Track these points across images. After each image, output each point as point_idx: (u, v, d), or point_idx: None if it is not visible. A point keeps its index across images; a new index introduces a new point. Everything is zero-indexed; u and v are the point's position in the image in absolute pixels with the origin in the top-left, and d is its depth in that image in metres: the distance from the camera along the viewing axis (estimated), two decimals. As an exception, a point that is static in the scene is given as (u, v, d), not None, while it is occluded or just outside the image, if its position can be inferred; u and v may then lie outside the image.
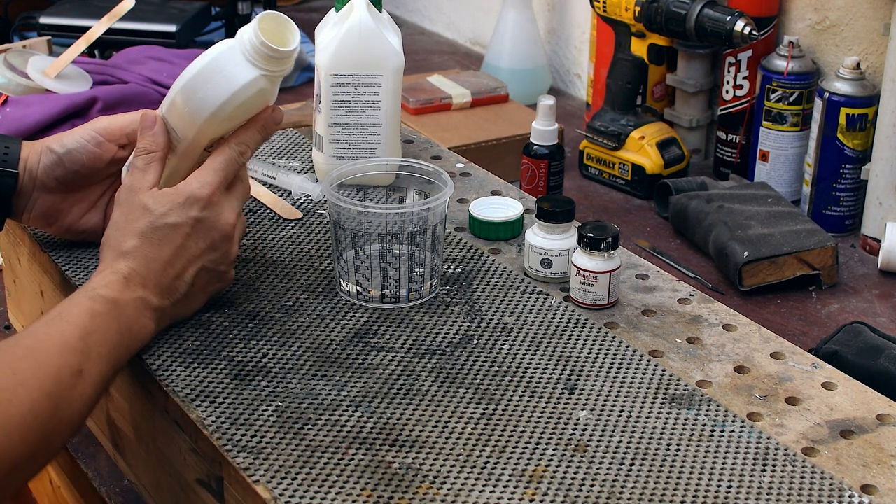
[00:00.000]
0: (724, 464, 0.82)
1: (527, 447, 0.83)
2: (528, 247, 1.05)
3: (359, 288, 1.00)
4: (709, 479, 0.80)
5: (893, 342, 1.06)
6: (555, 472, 0.81)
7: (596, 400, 0.88)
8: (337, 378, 0.90)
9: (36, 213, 1.03)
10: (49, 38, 1.57)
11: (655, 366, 0.93)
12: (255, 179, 1.21)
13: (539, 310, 1.00)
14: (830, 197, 1.45)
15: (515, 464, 0.81)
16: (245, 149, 0.97)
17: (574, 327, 0.98)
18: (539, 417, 0.86)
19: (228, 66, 0.94)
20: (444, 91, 1.71)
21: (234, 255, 0.98)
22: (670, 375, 0.91)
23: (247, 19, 1.99)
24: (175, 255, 0.93)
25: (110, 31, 1.43)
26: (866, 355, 1.05)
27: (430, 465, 0.81)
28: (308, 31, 2.12)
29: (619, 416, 0.87)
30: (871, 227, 1.42)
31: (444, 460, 0.81)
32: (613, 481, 0.80)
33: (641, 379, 0.91)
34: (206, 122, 0.95)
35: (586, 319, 0.99)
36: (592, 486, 0.79)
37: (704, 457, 0.82)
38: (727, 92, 1.58)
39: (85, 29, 1.44)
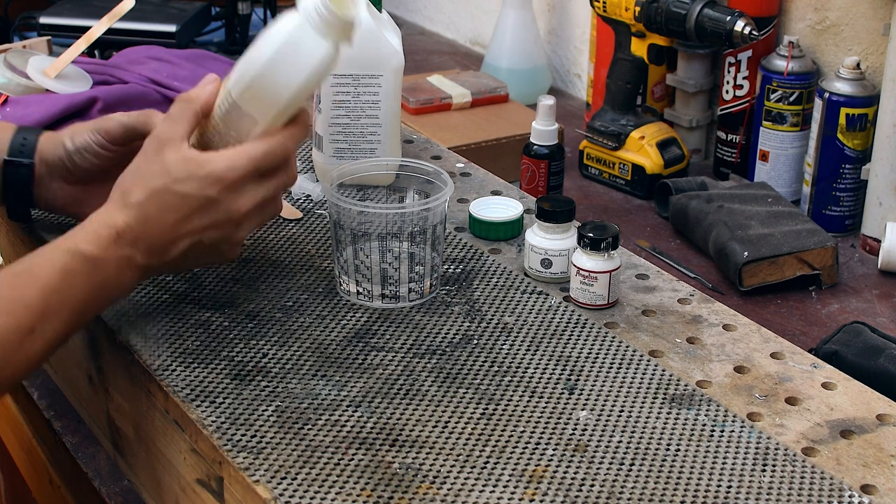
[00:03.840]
0: (724, 464, 0.82)
1: (527, 447, 0.83)
2: (528, 247, 1.05)
3: (359, 288, 1.00)
4: (709, 479, 0.80)
5: (893, 342, 1.06)
6: (555, 472, 0.81)
7: (596, 400, 0.88)
8: (337, 378, 0.90)
9: (59, 203, 1.03)
10: (49, 38, 1.57)
11: (655, 366, 0.93)
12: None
13: (539, 310, 1.00)
14: (830, 197, 1.45)
15: (515, 464, 0.81)
16: (290, 143, 0.94)
17: (574, 327, 0.98)
18: (539, 417, 0.86)
19: (305, 43, 0.91)
20: (444, 91, 1.71)
21: (238, 239, 0.95)
22: (670, 375, 0.91)
23: (247, 19, 1.99)
24: (176, 223, 0.91)
25: (110, 31, 1.43)
26: (866, 355, 1.05)
27: (430, 465, 0.81)
28: (308, 31, 2.13)
29: (619, 416, 0.87)
30: (871, 227, 1.42)
31: (444, 460, 0.81)
32: (613, 481, 0.80)
33: (641, 379, 0.91)
34: (287, 103, 0.92)
35: (586, 319, 0.99)
36: (592, 486, 0.79)
37: (704, 457, 0.82)
38: (727, 92, 1.58)
39: (85, 29, 1.43)
